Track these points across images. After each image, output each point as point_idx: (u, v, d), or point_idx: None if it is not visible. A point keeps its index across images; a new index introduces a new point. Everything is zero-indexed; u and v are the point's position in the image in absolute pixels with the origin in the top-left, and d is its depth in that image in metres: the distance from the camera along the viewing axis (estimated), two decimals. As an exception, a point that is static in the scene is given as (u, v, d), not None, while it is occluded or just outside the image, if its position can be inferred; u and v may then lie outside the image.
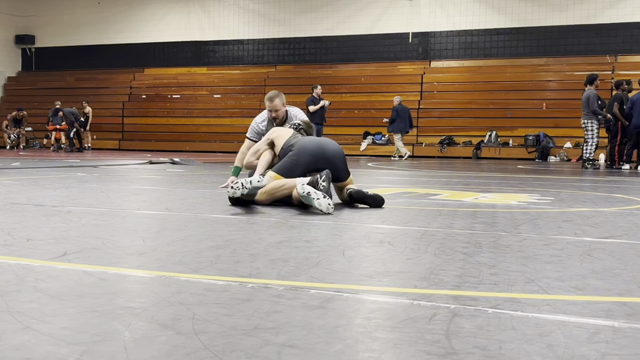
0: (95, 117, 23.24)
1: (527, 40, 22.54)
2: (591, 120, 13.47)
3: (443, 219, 4.14)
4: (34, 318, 1.75)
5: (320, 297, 2.02)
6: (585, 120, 13.58)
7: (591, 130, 13.52)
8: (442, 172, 11.20)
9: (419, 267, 2.55)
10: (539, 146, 19.68)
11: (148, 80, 27.30)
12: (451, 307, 1.93)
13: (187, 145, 23.15)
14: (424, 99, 22.94)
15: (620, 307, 1.98)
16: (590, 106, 13.30)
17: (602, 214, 4.63)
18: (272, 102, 5.98)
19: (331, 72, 24.30)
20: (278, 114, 6.03)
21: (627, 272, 2.53)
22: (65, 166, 10.50)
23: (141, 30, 27.57)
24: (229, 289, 2.11)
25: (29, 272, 2.34)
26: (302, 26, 25.18)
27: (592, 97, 13.33)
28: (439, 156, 20.61)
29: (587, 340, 1.64)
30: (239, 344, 1.56)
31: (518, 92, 21.73)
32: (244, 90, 25.43)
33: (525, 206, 5.10)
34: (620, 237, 3.49)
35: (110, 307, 1.87)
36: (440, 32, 23.53)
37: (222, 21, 26.38)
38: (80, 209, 4.38)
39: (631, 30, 21.26)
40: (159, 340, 1.58)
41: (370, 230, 3.67)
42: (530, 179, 9.37)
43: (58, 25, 28.85)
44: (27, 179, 7.26)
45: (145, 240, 3.14)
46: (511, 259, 2.76)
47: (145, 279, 2.30)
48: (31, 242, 3.00)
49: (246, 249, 2.88)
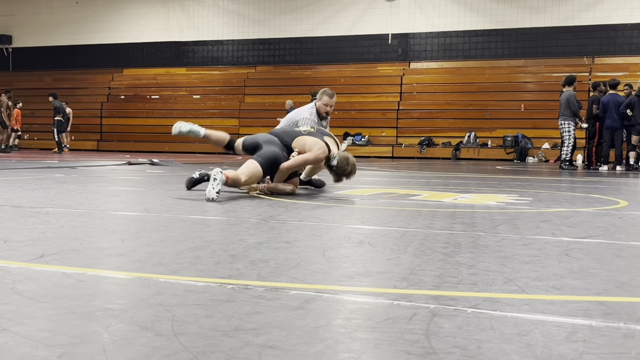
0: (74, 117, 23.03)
1: (505, 42, 22.70)
2: (567, 122, 13.59)
3: (422, 220, 4.16)
4: (11, 320, 1.73)
5: (301, 298, 2.02)
6: (561, 121, 13.70)
7: (567, 131, 13.63)
8: (421, 173, 11.24)
9: (399, 268, 2.56)
10: (518, 147, 19.82)
11: (127, 81, 27.15)
12: (431, 307, 1.93)
13: (166, 146, 23.04)
14: (404, 100, 23.02)
15: (597, 306, 2.00)
16: (571, 107, 13.41)
17: (579, 214, 4.67)
18: (332, 98, 6.75)
19: (311, 73, 24.31)
20: (332, 109, 6.89)
21: (605, 271, 2.55)
22: (43, 167, 10.40)
23: (120, 30, 27.42)
24: (208, 290, 2.11)
25: (6, 273, 2.31)
26: (282, 27, 25.17)
27: (572, 98, 13.44)
28: (418, 157, 20.70)
29: (565, 339, 1.65)
30: (219, 345, 1.56)
31: (497, 93, 21.89)
32: (223, 91, 25.37)
33: (504, 206, 5.14)
34: (598, 237, 3.53)
35: (88, 309, 1.86)
36: (419, 33, 23.63)
37: (202, 21, 26.30)
38: (59, 210, 4.35)
39: (608, 32, 21.49)
40: (138, 341, 1.58)
41: (350, 230, 3.67)
42: (509, 179, 9.43)
43: (36, 24, 28.61)
44: (4, 180, 7.19)
45: (124, 241, 3.12)
46: (490, 259, 2.77)
47: (124, 280, 2.28)
48: (8, 243, 2.97)
49: (226, 250, 2.87)
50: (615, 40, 21.48)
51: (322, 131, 6.11)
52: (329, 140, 5.95)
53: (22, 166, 10.73)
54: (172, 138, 23.85)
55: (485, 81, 22.34)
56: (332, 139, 6.02)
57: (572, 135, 13.61)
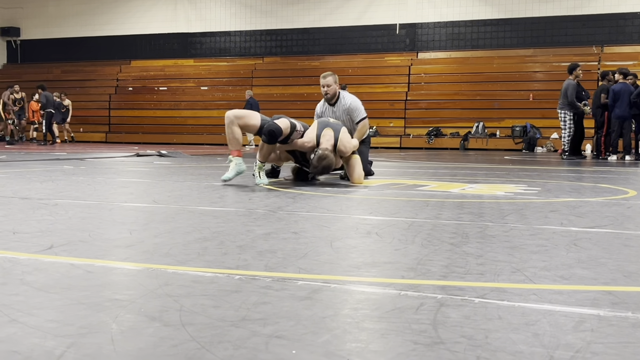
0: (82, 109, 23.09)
1: (514, 32, 22.59)
2: (564, 111, 13.57)
3: (430, 210, 4.15)
4: (21, 311, 1.74)
5: (308, 288, 2.03)
6: (559, 110, 13.71)
7: (563, 120, 13.64)
8: (429, 163, 11.22)
9: (406, 258, 2.56)
10: (526, 137, 19.74)
11: (135, 73, 27.16)
12: (438, 297, 1.93)
13: (174, 138, 23.06)
14: (412, 90, 22.95)
15: (605, 296, 1.99)
16: (569, 97, 13.38)
17: (588, 204, 4.65)
18: (325, 78, 6.84)
19: (318, 64, 24.25)
20: (329, 89, 6.84)
21: (613, 261, 2.55)
22: (52, 159, 10.44)
23: (127, 22, 27.42)
24: (216, 281, 2.11)
25: (16, 265, 2.33)
26: (290, 18, 25.12)
27: (570, 88, 13.40)
28: (426, 147, 20.65)
29: (573, 329, 1.65)
30: (226, 335, 1.56)
31: (505, 83, 21.78)
32: (231, 82, 25.35)
33: (512, 197, 5.13)
34: (606, 226, 3.52)
35: (97, 300, 1.87)
36: (427, 23, 23.53)
37: (209, 13, 26.27)
38: (67, 202, 4.36)
39: (617, 21, 21.34)
40: (146, 332, 1.58)
41: (358, 221, 3.67)
42: (517, 169, 9.40)
43: (43, 17, 28.63)
44: (13, 172, 7.22)
45: (132, 232, 3.13)
46: (498, 249, 2.77)
47: (133, 271, 2.29)
48: (17, 235, 2.98)
49: (234, 241, 2.87)
50: (625, 29, 21.33)
51: (326, 124, 6.20)
52: (326, 135, 6.05)
53: (31, 158, 10.76)
54: (180, 130, 23.95)
55: (493, 71, 22.23)
56: (331, 134, 6.08)
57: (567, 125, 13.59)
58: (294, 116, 6.59)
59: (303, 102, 21.96)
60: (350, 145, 6.11)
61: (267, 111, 23.97)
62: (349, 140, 6.16)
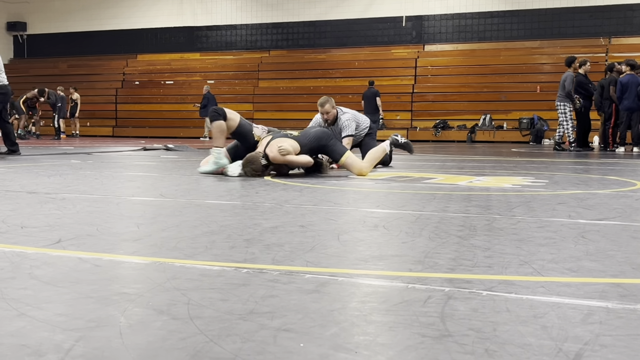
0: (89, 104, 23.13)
1: (521, 23, 22.50)
2: (563, 103, 13.62)
3: (437, 203, 4.15)
4: (29, 305, 1.75)
5: (315, 282, 2.03)
6: (558, 102, 13.74)
7: (563, 112, 13.65)
8: (436, 156, 11.20)
9: (414, 251, 2.55)
10: (533, 129, 19.69)
11: (141, 67, 27.19)
12: (446, 290, 1.93)
13: (181, 132, 23.10)
14: (418, 82, 22.91)
15: (614, 288, 1.99)
16: (567, 88, 13.44)
17: (596, 196, 4.64)
18: (323, 107, 7.35)
19: (325, 57, 24.23)
20: (329, 116, 7.42)
21: (621, 253, 2.54)
22: (59, 153, 10.46)
23: (133, 16, 27.43)
24: (224, 274, 2.11)
25: (24, 259, 2.33)
26: (296, 10, 25.08)
27: (568, 79, 13.47)
28: (433, 140, 20.62)
29: (581, 321, 1.65)
30: (234, 328, 1.56)
31: (512, 75, 21.72)
32: (237, 76, 25.36)
33: (520, 189, 5.11)
34: (614, 218, 3.51)
35: (105, 293, 1.87)
36: (434, 15, 23.47)
37: (215, 6, 26.25)
38: (75, 196, 4.37)
39: (625, 12, 21.23)
40: (154, 325, 1.59)
41: (365, 214, 3.67)
42: (524, 162, 9.38)
43: (49, 11, 28.67)
44: (21, 167, 7.24)
45: (139, 226, 3.14)
46: (505, 241, 2.76)
47: (140, 265, 2.30)
48: (25, 229, 2.99)
49: (241, 235, 2.88)
50: (632, 20, 21.21)
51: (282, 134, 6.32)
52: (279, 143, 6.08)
53: (38, 153, 10.79)
54: (186, 123, 23.98)
55: (500, 63, 22.17)
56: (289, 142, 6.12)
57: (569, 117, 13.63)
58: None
59: (309, 95, 21.94)
60: (274, 148, 6.02)
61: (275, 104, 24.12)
62: (279, 144, 6.06)
